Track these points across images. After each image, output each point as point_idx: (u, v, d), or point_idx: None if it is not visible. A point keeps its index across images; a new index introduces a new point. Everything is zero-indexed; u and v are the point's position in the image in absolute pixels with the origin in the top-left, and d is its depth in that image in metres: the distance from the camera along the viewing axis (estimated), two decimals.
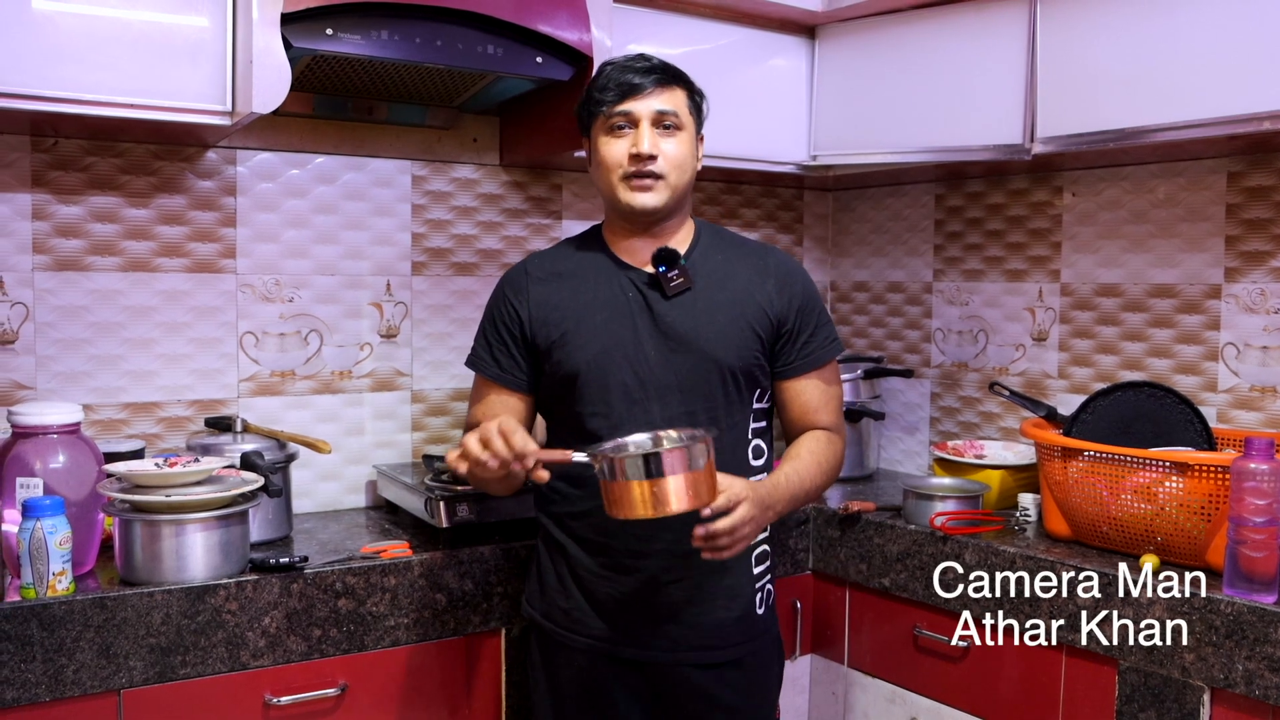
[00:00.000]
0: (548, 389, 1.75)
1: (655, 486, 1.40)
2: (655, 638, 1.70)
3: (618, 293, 1.71)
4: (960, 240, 2.80)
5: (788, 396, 1.78)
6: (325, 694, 1.85)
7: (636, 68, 1.68)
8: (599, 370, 1.67)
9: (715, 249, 1.78)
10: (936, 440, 2.84)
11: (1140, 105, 2.07)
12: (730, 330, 1.70)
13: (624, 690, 1.72)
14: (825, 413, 1.78)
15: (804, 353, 1.76)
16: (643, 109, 1.67)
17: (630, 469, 1.41)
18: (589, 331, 1.69)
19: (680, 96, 1.71)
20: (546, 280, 1.75)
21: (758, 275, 1.75)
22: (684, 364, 1.68)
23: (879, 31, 2.54)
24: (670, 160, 1.68)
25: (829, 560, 2.39)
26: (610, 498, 1.45)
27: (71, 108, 1.77)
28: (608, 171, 1.70)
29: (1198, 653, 1.75)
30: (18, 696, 1.60)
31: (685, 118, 1.71)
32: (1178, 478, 1.89)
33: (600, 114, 1.69)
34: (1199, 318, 2.32)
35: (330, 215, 2.37)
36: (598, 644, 1.71)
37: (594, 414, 1.68)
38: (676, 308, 1.69)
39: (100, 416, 2.14)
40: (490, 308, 1.80)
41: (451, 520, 2.02)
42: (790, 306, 1.74)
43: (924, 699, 2.22)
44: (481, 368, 1.78)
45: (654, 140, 1.67)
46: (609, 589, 1.70)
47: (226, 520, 1.78)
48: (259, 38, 1.79)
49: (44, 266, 2.09)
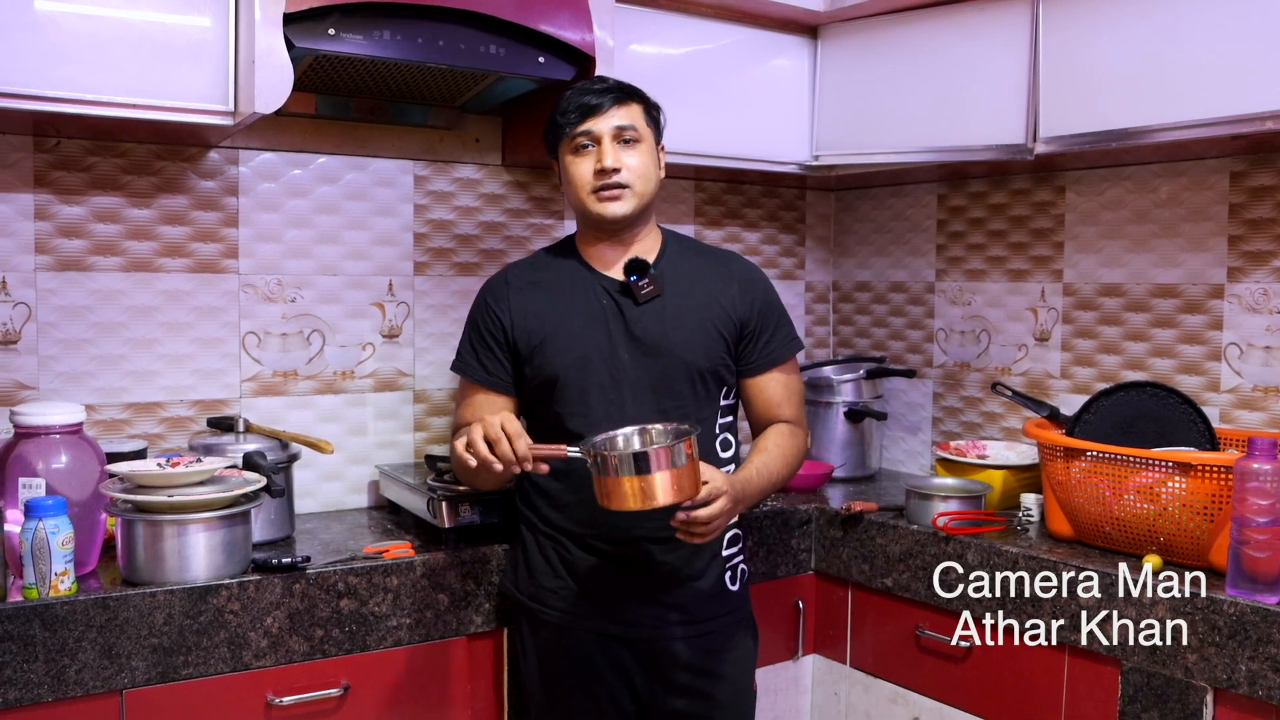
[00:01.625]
0: (529, 390, 1.84)
1: (644, 481, 1.51)
2: (640, 615, 1.81)
3: (592, 300, 1.82)
4: (963, 240, 2.80)
5: (752, 392, 1.90)
6: (328, 694, 1.84)
7: (593, 89, 1.80)
8: (578, 373, 1.79)
9: (681, 257, 1.89)
10: (939, 440, 2.84)
11: (1143, 105, 2.07)
12: (698, 334, 1.81)
13: (610, 664, 1.81)
14: (788, 406, 1.90)
15: (765, 351, 1.88)
16: (603, 126, 1.78)
17: (622, 465, 1.52)
18: (567, 337, 1.80)
19: (637, 111, 1.81)
20: (525, 289, 1.86)
21: (722, 281, 1.87)
22: (655, 366, 1.79)
23: (881, 31, 2.54)
24: (634, 171, 1.79)
25: (831, 560, 2.39)
26: (602, 490, 1.54)
27: (74, 108, 1.77)
28: (578, 189, 1.81)
29: (1200, 653, 1.75)
30: (20, 696, 1.60)
31: (644, 130, 1.81)
32: (1180, 478, 1.89)
33: (565, 136, 1.80)
34: (1202, 318, 2.32)
35: (332, 215, 2.37)
36: (585, 622, 1.81)
37: (573, 414, 1.79)
38: (647, 314, 1.81)
39: (102, 416, 2.14)
40: (473, 315, 1.90)
41: (454, 520, 2.02)
42: (752, 309, 1.86)
43: (926, 699, 2.22)
44: (469, 373, 1.87)
45: (616, 154, 1.78)
46: (595, 571, 1.81)
47: (229, 520, 1.78)
48: (261, 38, 1.80)
49: (46, 267, 2.09)
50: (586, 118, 1.77)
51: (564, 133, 1.80)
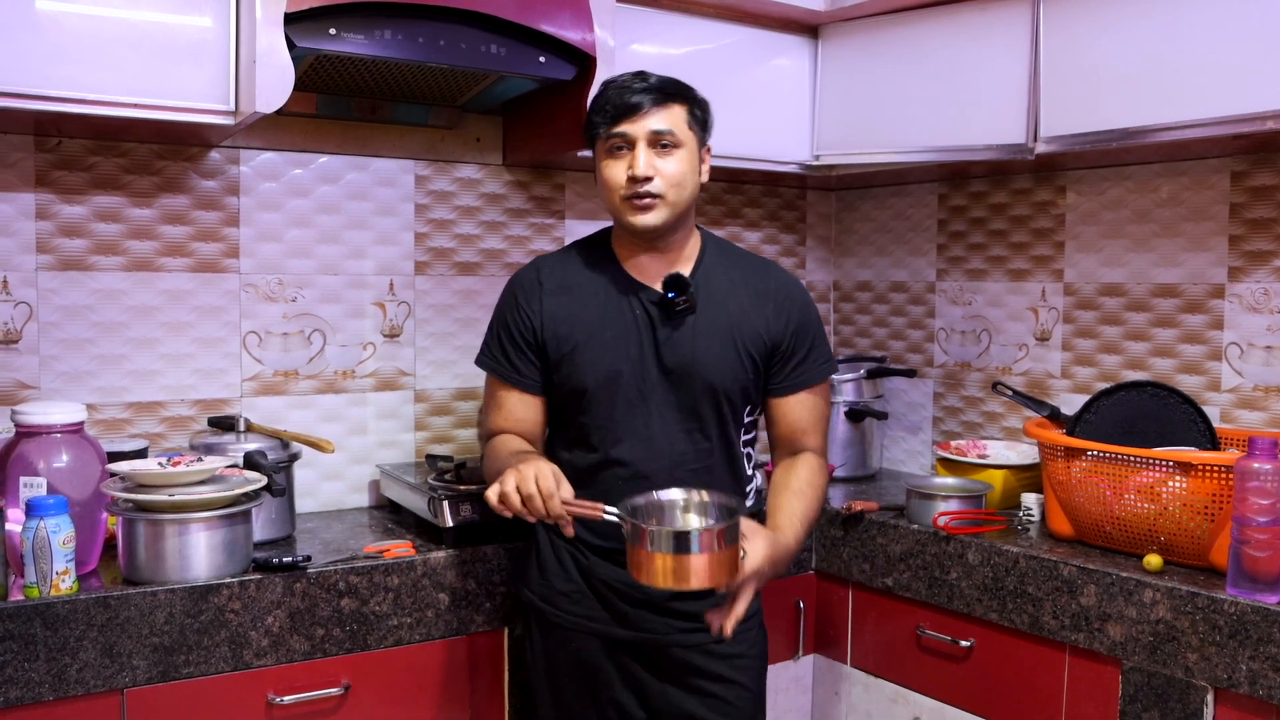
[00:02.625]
0: (555, 395, 1.81)
1: (678, 562, 1.41)
2: (651, 622, 1.77)
3: (625, 311, 1.77)
4: (963, 240, 2.80)
5: (778, 413, 1.84)
6: (328, 693, 1.85)
7: (634, 88, 1.70)
8: (606, 387, 1.74)
9: (719, 266, 1.82)
10: (939, 440, 2.84)
11: (1144, 105, 2.07)
12: (725, 356, 1.76)
13: (618, 669, 1.79)
14: (813, 434, 1.84)
15: (795, 373, 1.82)
16: (638, 130, 1.69)
17: (660, 541, 1.42)
18: (598, 348, 1.75)
19: (679, 113, 1.72)
20: (557, 292, 1.79)
21: (758, 297, 1.80)
22: (682, 385, 1.75)
23: (882, 31, 2.54)
24: (668, 179, 1.70)
25: (832, 560, 2.39)
26: (634, 561, 1.46)
27: (75, 107, 1.77)
28: (610, 192, 1.74)
29: (1201, 653, 1.75)
30: (21, 695, 1.60)
31: (684, 134, 1.72)
32: (1181, 478, 1.89)
33: (599, 136, 1.73)
34: (1202, 317, 2.32)
35: (333, 215, 2.37)
36: (596, 626, 1.79)
37: (598, 425, 1.76)
38: (678, 331, 1.75)
39: (103, 416, 2.14)
40: (503, 311, 1.83)
41: (454, 520, 2.02)
42: (786, 330, 1.80)
43: (927, 699, 2.22)
44: (501, 373, 1.82)
45: (649, 161, 1.69)
46: (607, 575, 1.77)
47: (230, 519, 1.78)
48: (262, 37, 1.80)
49: (47, 266, 2.09)
50: (622, 119, 1.69)
51: (598, 133, 1.72)
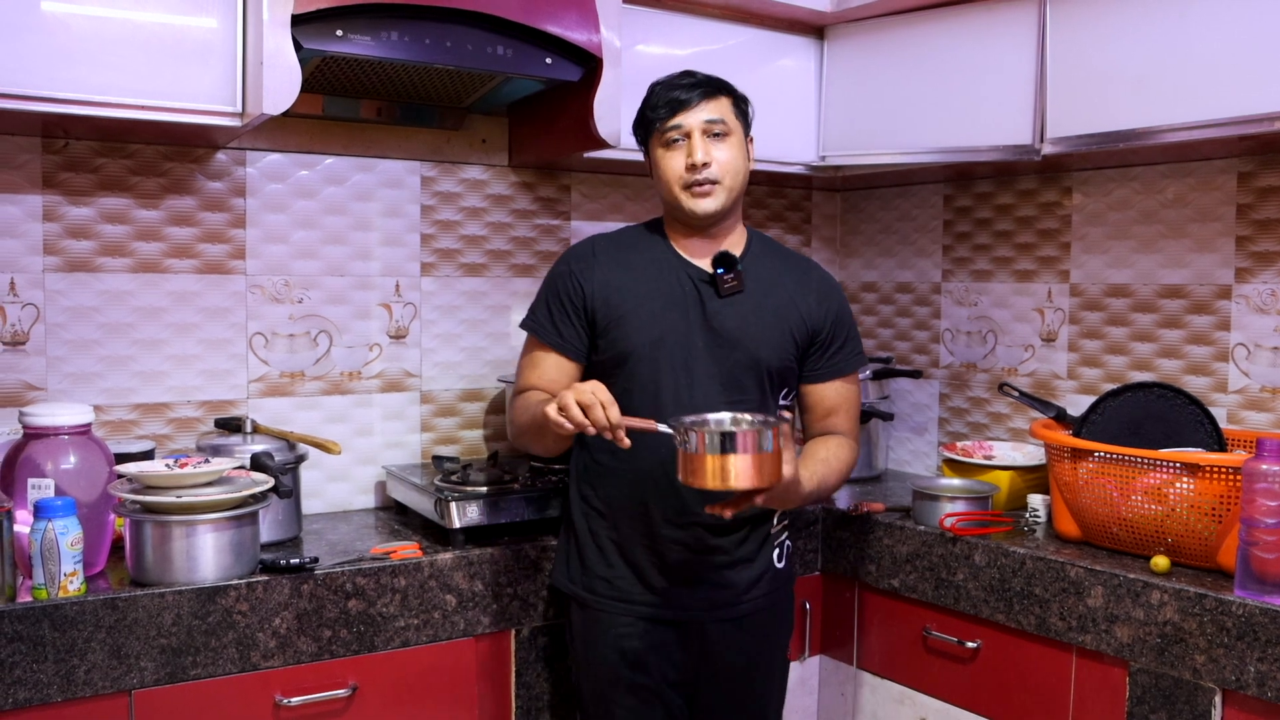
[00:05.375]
0: (599, 363, 1.86)
1: (725, 462, 1.53)
2: (693, 599, 1.84)
3: (675, 285, 1.85)
4: (969, 241, 2.80)
5: (812, 400, 1.94)
6: (336, 695, 1.85)
7: (682, 84, 1.82)
8: (651, 353, 1.81)
9: (765, 256, 1.92)
10: (945, 441, 2.84)
11: (1150, 106, 2.07)
12: (772, 333, 1.85)
13: (658, 649, 1.84)
14: (844, 418, 1.94)
15: (832, 362, 1.92)
16: (693, 121, 1.80)
17: (709, 443, 1.54)
18: (647, 316, 1.82)
19: (725, 104, 1.83)
20: (610, 263, 1.87)
21: (801, 287, 1.91)
22: (728, 358, 1.82)
23: (888, 32, 2.54)
24: (723, 165, 1.81)
25: (838, 561, 2.39)
26: (684, 466, 1.57)
27: (82, 109, 1.78)
28: (669, 183, 1.83)
29: (1209, 654, 1.75)
30: (29, 697, 1.61)
31: (733, 123, 1.83)
32: (1188, 479, 1.89)
33: (655, 130, 1.83)
34: (1209, 318, 2.31)
35: (339, 216, 2.37)
36: (640, 608, 1.84)
37: (641, 390, 1.81)
38: (727, 307, 1.84)
39: (111, 417, 2.15)
40: (553, 278, 1.90)
41: (461, 521, 2.03)
42: (826, 320, 1.90)
43: (933, 700, 2.22)
44: (543, 335, 1.88)
45: (706, 148, 1.80)
46: (650, 557, 1.84)
47: (237, 521, 1.78)
48: (269, 39, 1.80)
49: (54, 268, 2.09)
50: (677, 112, 1.80)
51: (654, 127, 1.82)
